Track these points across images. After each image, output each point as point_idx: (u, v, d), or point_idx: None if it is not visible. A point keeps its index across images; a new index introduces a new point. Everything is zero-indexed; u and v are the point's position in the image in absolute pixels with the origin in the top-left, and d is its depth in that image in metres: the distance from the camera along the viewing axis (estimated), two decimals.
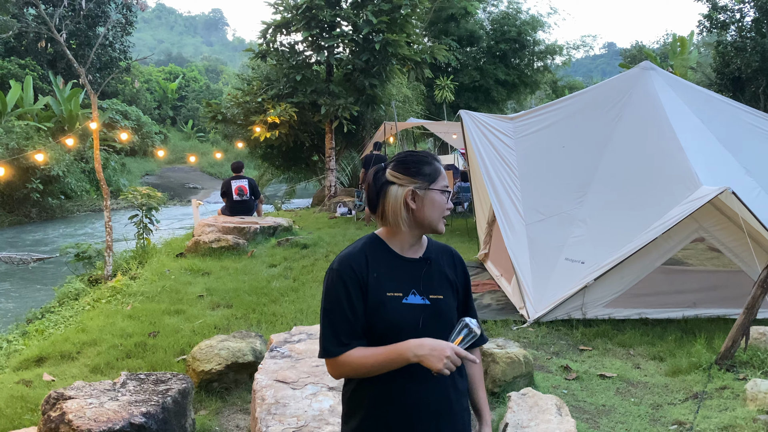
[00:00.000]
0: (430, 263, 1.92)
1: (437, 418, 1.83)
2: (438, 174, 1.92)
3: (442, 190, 1.90)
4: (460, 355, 1.70)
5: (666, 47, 32.19)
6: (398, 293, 1.82)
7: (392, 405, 1.80)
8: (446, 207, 1.92)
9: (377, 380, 1.80)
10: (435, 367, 1.67)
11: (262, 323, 6.14)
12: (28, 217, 20.14)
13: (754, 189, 6.04)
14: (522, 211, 6.79)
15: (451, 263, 1.98)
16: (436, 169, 1.92)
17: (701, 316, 6.05)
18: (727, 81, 19.27)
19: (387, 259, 1.87)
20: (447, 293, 1.91)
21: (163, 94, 45.01)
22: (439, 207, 1.89)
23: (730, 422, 3.86)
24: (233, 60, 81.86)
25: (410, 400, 1.80)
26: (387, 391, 1.80)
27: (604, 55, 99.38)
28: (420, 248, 1.94)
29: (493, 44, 25.19)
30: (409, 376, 1.79)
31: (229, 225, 10.01)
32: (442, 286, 1.91)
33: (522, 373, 4.37)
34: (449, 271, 1.95)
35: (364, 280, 1.80)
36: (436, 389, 1.83)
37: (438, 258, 1.95)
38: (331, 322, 1.80)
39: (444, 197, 1.91)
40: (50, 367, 5.12)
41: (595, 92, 7.64)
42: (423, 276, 1.89)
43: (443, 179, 1.93)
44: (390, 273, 1.85)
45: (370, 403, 1.82)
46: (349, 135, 16.21)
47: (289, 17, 14.15)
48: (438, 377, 1.74)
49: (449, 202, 1.93)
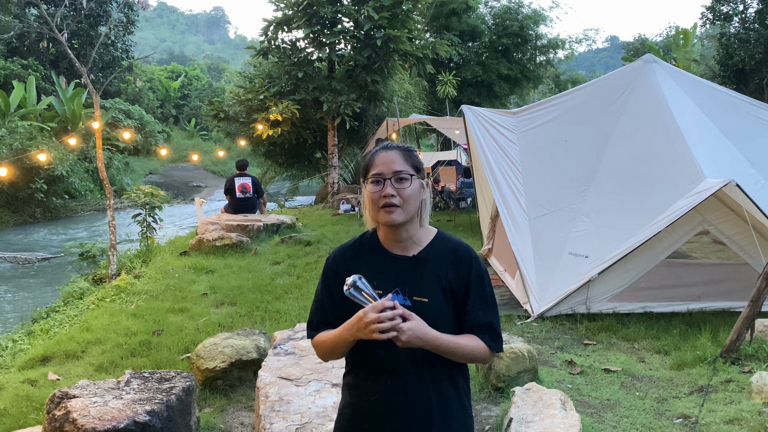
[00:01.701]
0: (422, 263, 1.80)
1: (410, 419, 1.77)
2: (370, 162, 1.80)
3: (370, 180, 1.78)
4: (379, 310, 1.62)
5: (669, 40, 32.05)
6: (379, 290, 1.75)
7: (365, 399, 1.82)
8: (381, 195, 1.75)
9: (358, 374, 1.85)
10: (371, 338, 1.63)
11: (266, 320, 6.15)
12: (32, 217, 20.20)
13: (759, 181, 6.00)
14: (525, 205, 6.78)
15: (452, 264, 1.81)
16: (371, 157, 1.81)
17: (706, 310, 6.02)
18: (731, 73, 19.16)
19: (375, 256, 1.85)
20: (435, 297, 1.77)
21: (166, 92, 45.06)
22: (371, 198, 1.78)
23: (735, 415, 3.85)
24: (235, 58, 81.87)
25: (384, 397, 1.79)
26: (364, 385, 1.83)
27: (606, 48, 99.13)
28: (412, 245, 1.83)
29: (495, 39, 25.11)
30: (386, 372, 1.79)
31: (233, 223, 10.02)
32: (431, 288, 1.78)
33: (526, 368, 4.36)
34: (448, 272, 1.80)
35: (343, 273, 1.78)
36: (414, 390, 1.77)
37: (435, 258, 1.81)
38: (312, 309, 1.92)
39: (373, 186, 1.77)
40: (55, 367, 5.13)
41: (597, 86, 7.60)
42: (410, 276, 1.79)
43: (377, 165, 1.78)
44: (375, 269, 1.81)
45: (349, 395, 1.88)
46: (351, 132, 16.20)
47: (290, 14, 14.13)
48: (416, 375, 1.76)
49: (385, 189, 1.74)
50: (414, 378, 1.77)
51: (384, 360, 1.78)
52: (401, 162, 1.78)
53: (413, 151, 1.86)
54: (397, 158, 1.78)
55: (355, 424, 1.84)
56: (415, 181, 1.78)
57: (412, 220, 1.81)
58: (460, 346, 1.75)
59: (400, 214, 1.75)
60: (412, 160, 1.80)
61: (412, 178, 1.77)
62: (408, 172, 1.78)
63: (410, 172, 1.78)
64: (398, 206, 1.75)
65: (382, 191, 1.75)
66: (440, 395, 1.80)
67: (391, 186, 1.75)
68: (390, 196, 1.74)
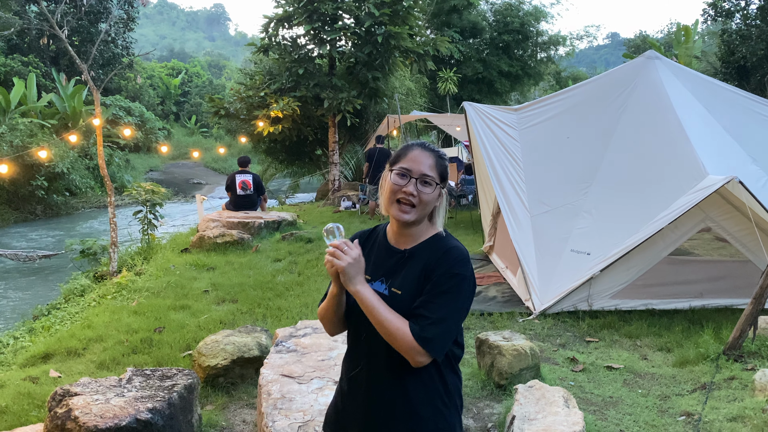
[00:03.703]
0: (410, 258, 1.84)
1: (372, 404, 1.84)
2: (402, 154, 1.83)
3: (396, 171, 1.80)
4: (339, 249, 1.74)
5: (670, 36, 32.00)
6: (368, 276, 1.84)
7: (343, 379, 1.97)
8: (401, 189, 1.77)
9: (344, 362, 1.98)
10: (332, 274, 1.77)
11: (268, 318, 6.14)
12: (33, 214, 20.20)
13: (762, 178, 5.99)
14: (527, 202, 6.76)
15: (435, 259, 1.79)
16: (405, 149, 1.85)
17: (708, 307, 6.01)
18: (732, 69, 19.12)
19: (378, 245, 1.94)
20: (409, 291, 1.79)
21: (166, 89, 45.00)
22: (391, 189, 1.80)
23: (738, 413, 3.84)
24: (236, 55, 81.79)
25: (354, 380, 1.91)
26: (344, 367, 1.98)
27: (607, 45, 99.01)
28: (410, 241, 1.87)
29: (496, 35, 25.07)
30: (357, 356, 1.90)
31: (234, 220, 10.01)
32: (409, 283, 1.80)
33: (528, 366, 4.35)
34: (426, 267, 1.79)
35: None
36: (374, 380, 1.84)
37: (423, 256, 1.82)
38: None
39: (398, 178, 1.79)
40: (56, 364, 5.13)
41: (599, 82, 7.58)
42: (397, 269, 1.85)
43: (408, 160, 1.80)
44: (373, 257, 1.91)
45: (339, 380, 2.03)
46: (352, 128, 16.18)
47: (290, 11, 14.10)
48: (377, 369, 1.83)
49: (407, 186, 1.77)
50: (375, 370, 1.84)
51: (355, 345, 1.91)
52: (431, 167, 1.81)
53: (446, 161, 1.89)
54: (429, 161, 1.81)
55: (335, 402, 2.01)
56: (436, 190, 1.82)
57: (420, 221, 1.85)
58: (382, 314, 1.71)
59: (413, 215, 1.80)
60: (440, 169, 1.84)
61: (436, 186, 1.81)
62: (434, 179, 1.80)
63: (436, 179, 1.81)
64: (414, 206, 1.79)
65: (404, 187, 1.78)
66: (406, 393, 1.81)
67: (414, 186, 1.78)
68: (410, 195, 1.78)
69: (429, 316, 1.71)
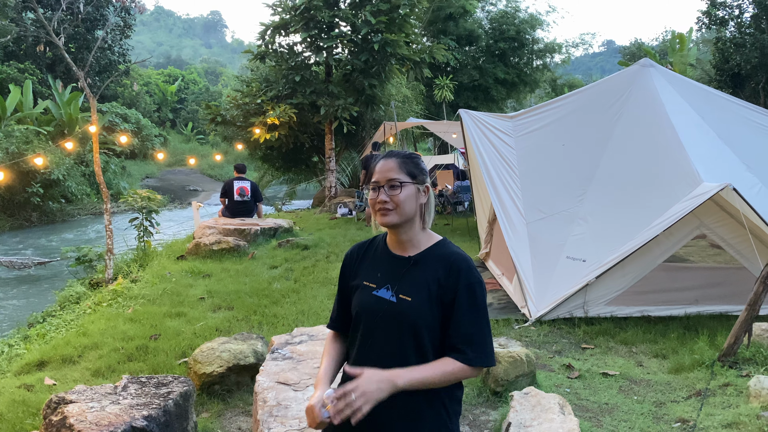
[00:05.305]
0: (416, 265, 1.89)
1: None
2: (371, 171, 1.95)
3: (370, 187, 1.92)
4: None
5: (665, 44, 32.20)
6: (373, 284, 1.92)
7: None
8: (376, 201, 1.89)
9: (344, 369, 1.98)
10: (372, 401, 1.70)
11: (264, 325, 6.13)
12: (28, 221, 20.15)
13: (755, 185, 6.02)
14: (523, 209, 6.78)
15: (444, 269, 1.85)
16: (372, 165, 1.97)
17: (703, 313, 6.03)
18: (727, 77, 19.25)
19: (379, 253, 2.00)
20: (419, 296, 1.83)
21: (163, 96, 45.05)
22: (370, 203, 1.93)
23: (733, 419, 3.85)
24: (232, 62, 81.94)
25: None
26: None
27: (603, 52, 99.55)
28: (411, 247, 1.93)
29: (492, 43, 25.19)
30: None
31: (230, 227, 10.00)
32: (418, 289, 1.84)
33: (524, 372, 4.36)
34: (438, 277, 1.84)
35: (354, 266, 2.02)
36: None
37: (429, 262, 1.88)
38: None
39: (372, 193, 1.92)
40: (51, 371, 5.11)
41: (594, 90, 7.62)
42: (403, 275, 1.89)
43: (375, 173, 1.91)
44: (375, 265, 1.97)
45: None
46: (348, 135, 16.21)
47: (287, 18, 14.15)
48: None
49: (379, 196, 1.88)
50: None
51: (361, 352, 1.92)
52: (396, 170, 1.90)
53: (412, 158, 1.95)
54: (393, 166, 1.90)
55: None
56: (408, 188, 1.88)
57: (410, 223, 1.91)
58: (436, 377, 1.77)
59: (394, 217, 1.87)
60: (408, 168, 1.91)
61: (402, 185, 1.88)
62: (400, 180, 1.88)
63: (403, 179, 1.88)
64: (391, 210, 1.87)
65: (377, 198, 1.89)
66: (411, 400, 1.81)
67: (384, 193, 1.88)
68: (383, 202, 1.87)
69: (469, 338, 1.80)
